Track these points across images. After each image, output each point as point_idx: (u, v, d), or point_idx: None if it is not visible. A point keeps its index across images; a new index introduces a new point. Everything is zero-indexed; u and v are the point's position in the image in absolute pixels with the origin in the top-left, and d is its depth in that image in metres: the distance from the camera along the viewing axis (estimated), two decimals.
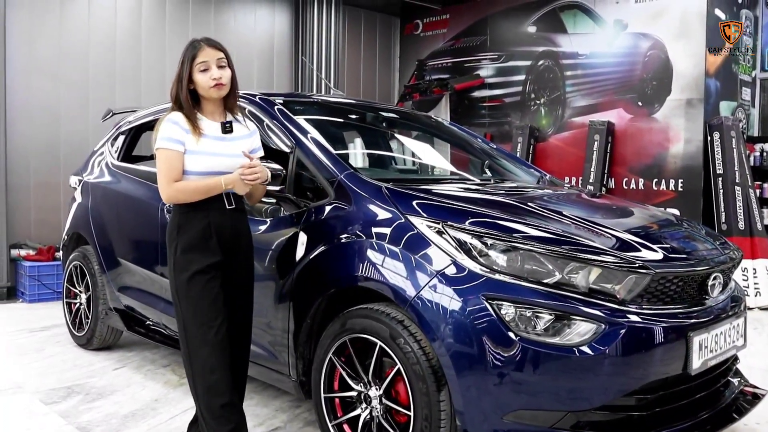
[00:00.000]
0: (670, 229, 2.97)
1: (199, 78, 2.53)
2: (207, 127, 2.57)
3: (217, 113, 2.63)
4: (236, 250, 2.61)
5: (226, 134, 2.57)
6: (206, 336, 2.50)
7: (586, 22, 7.38)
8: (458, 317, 2.28)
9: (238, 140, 2.60)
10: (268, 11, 8.13)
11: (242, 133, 2.65)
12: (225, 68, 2.56)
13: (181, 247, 2.53)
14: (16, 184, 6.19)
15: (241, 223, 2.63)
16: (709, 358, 2.51)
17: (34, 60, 6.32)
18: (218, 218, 2.55)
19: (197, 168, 2.52)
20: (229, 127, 2.58)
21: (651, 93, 6.87)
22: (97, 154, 4.65)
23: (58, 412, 3.32)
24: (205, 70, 2.53)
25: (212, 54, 2.54)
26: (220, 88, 2.54)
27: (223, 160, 2.54)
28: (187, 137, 2.51)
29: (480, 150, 4.05)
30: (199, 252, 2.51)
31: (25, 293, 6.03)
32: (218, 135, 2.56)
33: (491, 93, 8.29)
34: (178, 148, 2.50)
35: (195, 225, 2.52)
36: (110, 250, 4.13)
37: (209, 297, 2.51)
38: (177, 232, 2.55)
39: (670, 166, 6.73)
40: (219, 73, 2.53)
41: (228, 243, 2.56)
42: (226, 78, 2.56)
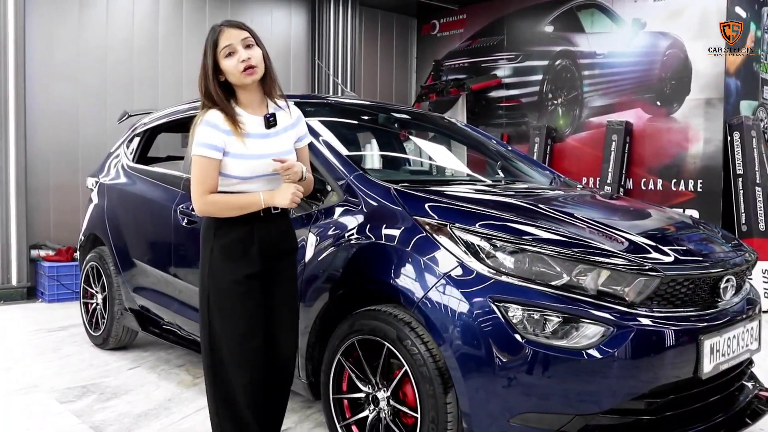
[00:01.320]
0: (682, 231, 2.93)
1: (227, 64, 2.24)
2: (249, 125, 2.29)
3: (257, 103, 2.34)
4: (280, 260, 2.39)
5: (271, 129, 2.32)
6: (237, 355, 2.29)
7: (603, 21, 7.32)
8: (465, 319, 2.27)
9: (283, 133, 2.35)
10: (284, 13, 8.16)
11: (286, 124, 2.38)
12: (253, 47, 2.26)
13: (217, 250, 2.30)
14: (35, 186, 6.28)
15: (287, 230, 2.42)
16: (721, 362, 2.47)
17: (53, 64, 6.41)
18: (262, 224, 2.31)
19: (240, 172, 2.27)
20: (273, 120, 2.32)
21: (670, 92, 6.79)
22: (113, 156, 4.70)
23: (73, 411, 3.36)
24: (230, 54, 2.23)
25: (236, 34, 2.25)
26: (252, 71, 2.24)
27: (269, 161, 2.27)
28: (229, 140, 2.24)
29: (493, 151, 4.03)
30: (238, 259, 2.28)
31: (44, 293, 6.11)
32: (261, 131, 2.30)
33: (508, 93, 8.25)
34: (215, 156, 2.23)
35: (236, 229, 2.28)
36: (125, 251, 4.17)
37: (246, 311, 2.29)
38: (214, 233, 2.31)
39: (689, 167, 6.64)
40: (247, 53, 2.24)
41: (272, 252, 2.35)
42: (256, 58, 2.25)
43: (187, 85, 7.16)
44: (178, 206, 3.59)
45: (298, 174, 2.31)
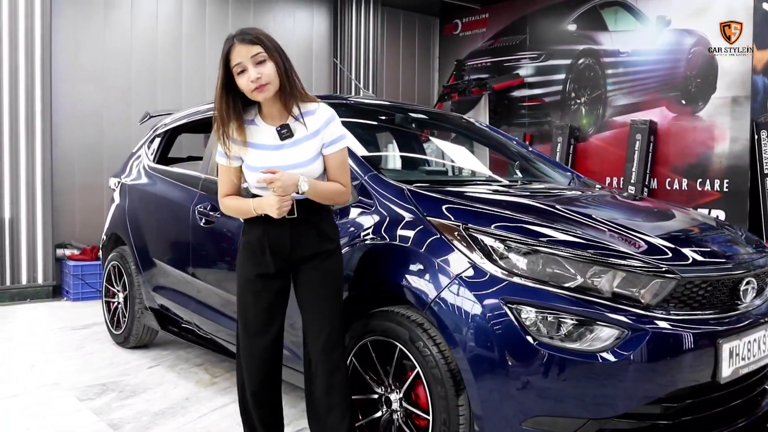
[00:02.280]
0: (703, 232, 2.87)
1: (239, 81, 2.25)
2: (262, 134, 2.32)
3: (276, 113, 2.33)
4: (299, 265, 2.39)
5: (285, 140, 2.30)
6: (246, 346, 2.44)
7: (627, 19, 7.22)
8: (477, 321, 2.25)
9: (301, 144, 2.31)
10: (306, 13, 8.19)
11: (304, 134, 2.32)
12: (264, 64, 2.23)
13: (240, 249, 2.45)
14: (61, 186, 6.39)
15: (304, 236, 2.36)
16: (740, 366, 2.41)
17: (79, 66, 6.51)
18: (274, 230, 2.35)
19: (252, 182, 2.37)
20: (285, 132, 2.29)
21: (695, 91, 6.68)
22: (134, 157, 4.75)
23: (92, 408, 3.40)
24: (242, 72, 2.23)
25: (245, 52, 2.22)
26: (262, 89, 2.23)
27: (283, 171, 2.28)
28: (243, 150, 2.33)
29: (512, 151, 4.00)
30: (253, 260, 2.39)
31: (69, 292, 6.20)
32: (276, 143, 2.30)
33: (531, 92, 8.19)
34: (232, 163, 2.37)
35: (254, 232, 2.38)
36: (145, 250, 4.21)
37: (255, 309, 2.39)
38: (242, 232, 2.46)
39: (715, 166, 6.53)
40: (257, 71, 2.21)
41: (285, 257, 2.37)
42: (267, 76, 2.22)
43: (210, 86, 7.17)
44: (196, 206, 3.62)
45: (287, 188, 2.24)
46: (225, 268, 3.50)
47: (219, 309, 3.54)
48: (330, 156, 2.39)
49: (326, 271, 2.40)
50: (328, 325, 2.40)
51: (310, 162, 2.33)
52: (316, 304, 2.41)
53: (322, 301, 2.40)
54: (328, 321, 2.40)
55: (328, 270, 2.40)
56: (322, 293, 2.40)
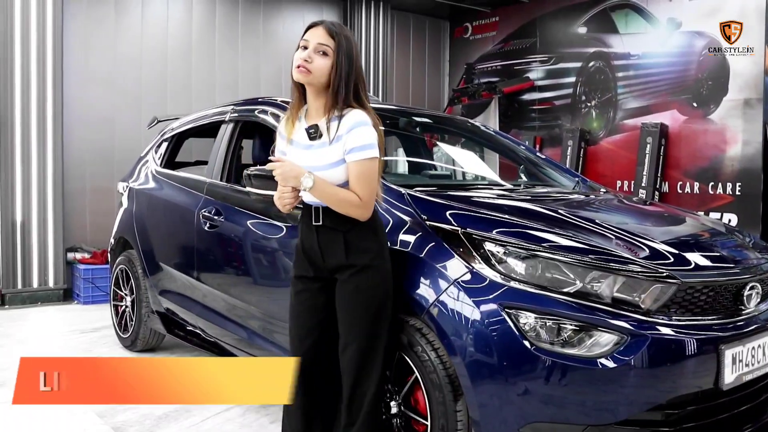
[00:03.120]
0: (708, 237, 2.85)
1: (294, 55, 2.25)
2: (298, 132, 2.35)
3: (315, 109, 2.32)
4: (334, 274, 2.34)
5: (313, 141, 2.28)
6: (294, 350, 2.43)
7: (638, 21, 7.18)
8: (475, 326, 2.23)
9: (327, 147, 2.26)
10: (316, 17, 8.20)
11: (327, 140, 2.26)
12: (323, 56, 2.22)
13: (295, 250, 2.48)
14: (72, 190, 6.45)
15: (330, 246, 2.31)
16: (744, 373, 2.38)
17: (90, 70, 6.57)
18: (305, 234, 2.37)
19: None
20: (314, 133, 2.27)
21: (706, 93, 6.62)
22: (142, 161, 4.78)
23: (96, 411, 3.41)
24: (303, 48, 2.24)
25: (318, 36, 2.23)
26: (302, 71, 2.21)
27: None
28: (284, 145, 2.38)
29: (516, 154, 3.98)
30: (297, 262, 2.43)
31: (80, 295, 6.25)
32: (306, 143, 2.30)
33: (541, 96, 8.15)
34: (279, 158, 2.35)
35: (298, 236, 2.43)
36: (152, 254, 4.23)
37: (294, 310, 2.43)
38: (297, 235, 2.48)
39: (727, 170, 6.46)
40: (311, 56, 2.21)
41: (319, 264, 2.35)
42: (317, 65, 2.21)
43: (220, 90, 7.27)
44: (201, 211, 3.63)
45: (287, 179, 2.21)
46: (229, 273, 3.51)
47: (224, 313, 3.55)
48: (349, 165, 2.25)
49: (357, 286, 2.29)
50: (354, 342, 2.31)
51: (328, 167, 2.25)
52: (345, 319, 2.33)
53: (351, 316, 2.32)
54: (354, 337, 2.31)
55: (359, 286, 2.29)
56: (352, 309, 2.32)
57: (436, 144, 4.17)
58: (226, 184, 3.62)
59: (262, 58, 7.66)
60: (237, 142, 3.77)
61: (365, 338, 2.32)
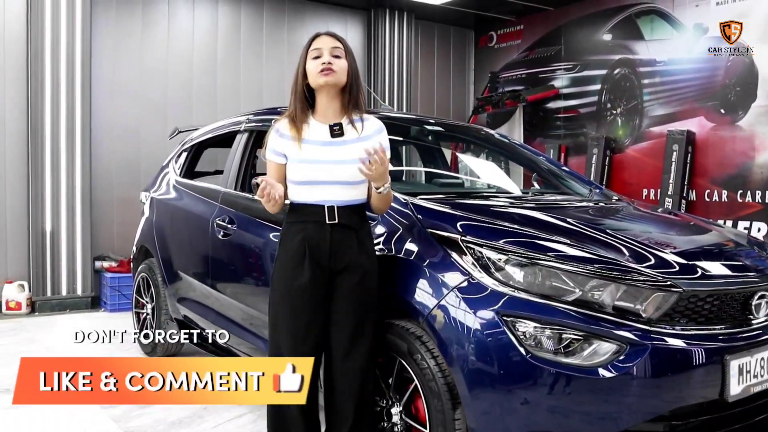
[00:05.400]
0: (718, 246, 2.79)
1: (310, 66, 2.35)
2: (313, 132, 2.37)
3: (331, 112, 2.39)
4: (336, 275, 2.36)
5: (335, 138, 2.34)
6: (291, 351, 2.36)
7: (664, 27, 7.08)
8: (472, 334, 2.22)
9: (349, 144, 2.34)
10: (340, 28, 8.27)
11: (353, 137, 2.36)
12: (340, 59, 2.36)
13: (278, 259, 2.42)
14: (100, 199, 6.60)
15: (344, 243, 2.35)
16: (752, 384, 2.33)
17: (117, 82, 6.74)
18: (314, 234, 2.34)
19: (297, 177, 2.36)
20: (338, 130, 2.33)
21: (734, 99, 6.49)
22: (163, 171, 4.87)
23: (112, 416, 3.48)
24: (317, 57, 2.34)
25: (327, 42, 2.37)
26: (329, 73, 2.32)
27: (326, 167, 2.32)
28: (288, 144, 2.36)
29: (531, 162, 3.96)
30: (291, 271, 2.35)
31: (107, 303, 6.37)
32: (325, 140, 2.34)
33: (566, 104, 8.08)
34: (277, 160, 2.39)
35: (293, 239, 2.37)
36: (170, 262, 4.30)
37: (293, 326, 2.35)
38: (279, 243, 2.44)
39: (756, 177, 6.32)
40: (330, 59, 2.33)
41: (324, 264, 2.34)
42: (338, 66, 2.33)
43: (245, 101, 7.36)
44: (216, 219, 3.69)
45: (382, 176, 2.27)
46: (242, 281, 3.55)
47: (239, 322, 3.58)
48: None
49: (367, 287, 2.38)
50: (362, 344, 2.37)
51: (354, 162, 2.27)
52: (350, 320, 2.36)
53: (358, 318, 2.37)
54: (362, 339, 2.36)
55: (368, 287, 2.39)
56: (361, 310, 2.37)
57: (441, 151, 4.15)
58: (240, 193, 3.67)
59: (287, 68, 7.73)
60: (251, 151, 3.82)
61: (371, 339, 2.40)
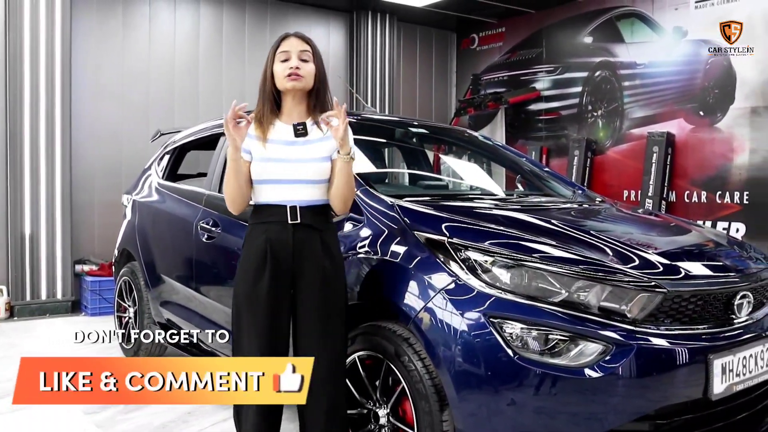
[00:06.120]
0: (700, 246, 2.83)
1: (277, 68, 2.35)
2: (278, 132, 2.37)
3: (296, 113, 2.40)
4: (298, 277, 2.33)
5: (299, 137, 2.34)
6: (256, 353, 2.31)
7: (644, 30, 7.15)
8: (459, 336, 2.23)
9: (314, 143, 2.35)
10: (323, 30, 8.27)
11: (319, 136, 2.37)
12: (307, 62, 2.35)
13: (241, 261, 2.39)
14: (81, 202, 6.53)
15: (307, 244, 2.32)
16: (735, 383, 2.35)
17: (98, 85, 6.67)
18: (277, 234, 2.32)
19: (261, 176, 2.35)
20: (301, 130, 2.34)
21: (713, 102, 6.57)
22: (145, 174, 4.83)
23: (95, 422, 3.44)
24: (285, 60, 2.34)
25: (296, 44, 2.36)
26: (295, 79, 2.32)
27: (289, 166, 2.32)
28: (254, 144, 2.34)
29: (514, 164, 3.98)
30: (254, 272, 2.32)
31: (87, 307, 6.30)
32: (289, 139, 2.35)
33: (548, 106, 8.14)
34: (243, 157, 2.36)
35: (255, 240, 2.34)
36: (153, 266, 4.27)
37: (256, 328, 2.31)
38: (243, 245, 2.41)
39: (735, 178, 6.40)
40: (298, 63, 2.33)
41: (287, 265, 2.32)
42: (305, 71, 2.34)
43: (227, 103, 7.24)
44: (200, 222, 3.66)
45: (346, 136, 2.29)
46: (227, 284, 3.52)
47: (222, 325, 3.55)
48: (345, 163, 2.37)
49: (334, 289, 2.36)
50: (332, 348, 2.34)
51: (318, 161, 2.33)
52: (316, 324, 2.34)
53: (325, 321, 2.34)
54: (331, 343, 2.34)
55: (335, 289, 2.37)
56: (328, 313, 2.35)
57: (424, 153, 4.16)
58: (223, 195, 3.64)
59: None
60: None
61: (341, 342, 2.39)
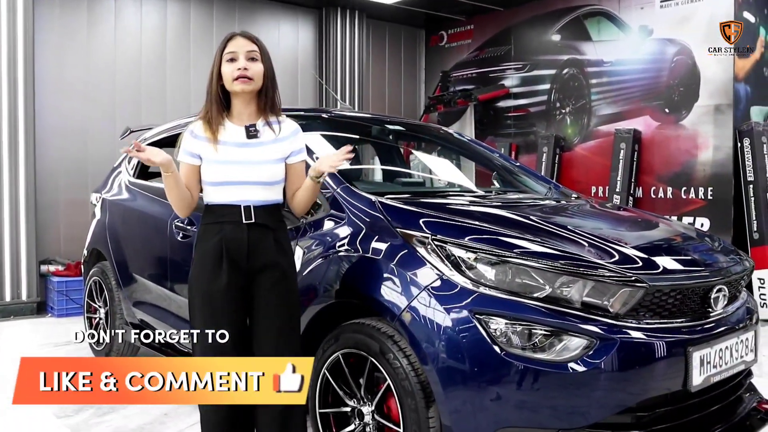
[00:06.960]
0: (676, 241, 2.88)
1: (225, 69, 2.32)
2: (229, 133, 2.34)
3: (246, 115, 2.37)
4: (254, 275, 2.32)
5: (251, 139, 2.33)
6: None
7: (610, 29, 7.26)
8: (445, 332, 2.24)
9: (267, 145, 2.35)
10: (291, 27, 8.22)
11: (271, 138, 2.36)
12: (256, 62, 2.32)
13: (195, 261, 2.37)
14: (45, 202, 6.37)
15: (261, 243, 2.31)
16: (712, 374, 2.42)
17: (63, 80, 6.52)
18: (231, 234, 2.30)
19: (213, 178, 2.32)
20: (253, 131, 2.33)
21: (678, 99, 6.71)
22: (115, 172, 4.74)
23: (69, 425, 3.37)
24: (232, 60, 2.31)
25: (243, 44, 2.32)
26: (245, 81, 2.29)
27: (243, 168, 2.30)
28: (203, 146, 2.32)
29: (490, 161, 4.01)
30: (209, 272, 2.30)
31: (53, 308, 6.17)
32: (241, 141, 2.33)
33: (516, 103, 8.21)
34: (191, 161, 2.35)
35: (209, 240, 2.31)
36: (125, 265, 4.19)
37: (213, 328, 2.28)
38: (196, 244, 2.38)
39: (699, 174, 6.55)
40: (246, 64, 2.30)
41: (242, 264, 2.30)
42: (254, 72, 2.31)
43: (195, 100, 7.22)
44: (174, 221, 3.61)
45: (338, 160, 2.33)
46: None
47: None
48: (295, 165, 2.44)
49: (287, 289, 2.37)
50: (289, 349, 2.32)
51: (271, 163, 2.35)
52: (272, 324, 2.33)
53: (281, 323, 2.34)
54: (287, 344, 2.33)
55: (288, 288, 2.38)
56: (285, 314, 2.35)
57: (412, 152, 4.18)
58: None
59: None
60: None
61: (298, 339, 2.41)
